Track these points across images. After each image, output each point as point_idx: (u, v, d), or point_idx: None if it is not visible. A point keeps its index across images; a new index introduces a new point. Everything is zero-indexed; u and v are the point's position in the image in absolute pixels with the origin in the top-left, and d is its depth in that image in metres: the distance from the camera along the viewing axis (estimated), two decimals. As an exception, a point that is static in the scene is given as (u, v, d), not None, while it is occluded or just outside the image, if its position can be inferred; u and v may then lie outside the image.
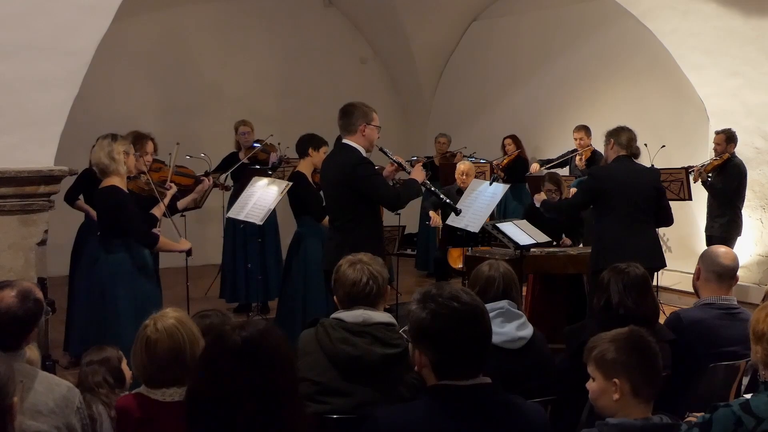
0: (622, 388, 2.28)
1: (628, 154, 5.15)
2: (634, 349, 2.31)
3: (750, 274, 7.43)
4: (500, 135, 9.18)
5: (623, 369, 2.29)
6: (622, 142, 5.14)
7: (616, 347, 2.32)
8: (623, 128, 5.24)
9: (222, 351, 1.75)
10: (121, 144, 4.44)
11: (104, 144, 4.43)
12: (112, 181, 4.42)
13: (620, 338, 2.35)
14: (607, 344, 2.35)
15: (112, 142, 4.42)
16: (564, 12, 9.48)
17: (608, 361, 2.32)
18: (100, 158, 4.42)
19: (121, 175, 4.46)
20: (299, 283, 5.68)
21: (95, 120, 7.65)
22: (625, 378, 2.28)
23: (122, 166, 4.43)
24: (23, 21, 4.25)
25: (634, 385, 2.28)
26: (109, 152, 4.39)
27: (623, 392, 2.29)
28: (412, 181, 4.62)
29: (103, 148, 4.41)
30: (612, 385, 2.30)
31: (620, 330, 2.40)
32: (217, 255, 8.22)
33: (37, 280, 4.38)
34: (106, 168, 4.42)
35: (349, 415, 2.67)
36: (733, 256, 3.60)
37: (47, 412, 2.45)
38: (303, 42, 10.61)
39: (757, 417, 2.35)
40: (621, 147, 5.14)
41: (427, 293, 2.07)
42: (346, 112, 4.54)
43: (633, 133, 5.22)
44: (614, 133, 5.21)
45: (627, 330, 2.39)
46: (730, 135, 6.98)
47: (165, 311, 2.64)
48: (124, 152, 4.43)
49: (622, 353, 2.30)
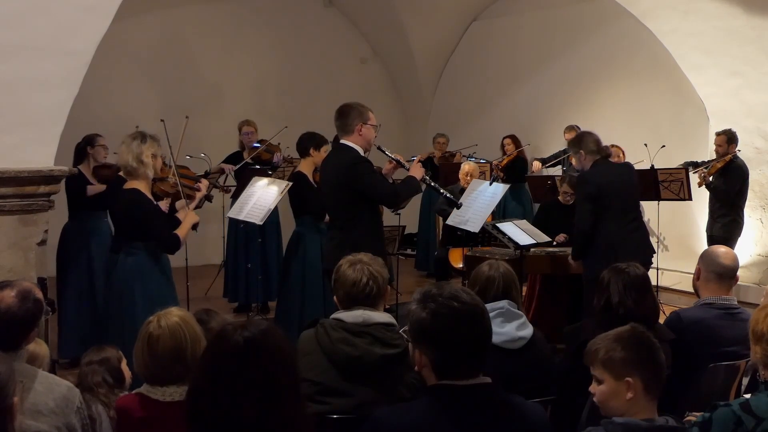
0: (635, 387, 2.24)
1: (603, 156, 5.17)
2: (641, 345, 2.29)
3: (750, 274, 7.43)
4: (500, 135, 9.18)
5: (634, 366, 2.25)
6: (591, 148, 5.15)
7: (622, 346, 2.28)
8: (584, 134, 5.27)
9: (224, 351, 1.75)
10: (150, 146, 4.23)
11: (133, 146, 4.21)
12: (137, 185, 4.24)
13: (624, 336, 2.32)
14: (612, 344, 2.30)
15: (141, 144, 4.20)
16: (564, 12, 9.48)
17: (617, 361, 2.27)
18: (127, 161, 4.21)
19: (148, 178, 4.28)
20: (298, 283, 5.67)
21: (95, 120, 7.65)
22: (637, 375, 2.25)
23: (151, 170, 4.25)
24: (23, 21, 4.24)
25: (645, 382, 2.25)
26: (138, 155, 4.19)
27: (637, 390, 2.24)
28: (411, 178, 4.62)
29: (131, 150, 4.20)
30: (624, 385, 2.25)
31: (621, 329, 2.37)
32: (217, 255, 8.23)
33: (37, 280, 4.38)
34: (135, 171, 4.22)
35: (349, 415, 2.68)
36: (733, 256, 3.60)
37: (47, 412, 2.45)
38: (303, 42, 10.61)
39: (757, 417, 2.35)
40: (593, 153, 5.15)
41: (427, 293, 2.07)
42: (342, 112, 4.54)
43: (595, 135, 5.24)
44: (578, 143, 5.22)
45: (628, 328, 2.37)
46: (731, 136, 6.98)
47: (169, 309, 2.64)
48: (153, 155, 4.24)
49: (630, 351, 2.27)
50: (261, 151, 7.15)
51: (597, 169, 5.16)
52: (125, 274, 4.30)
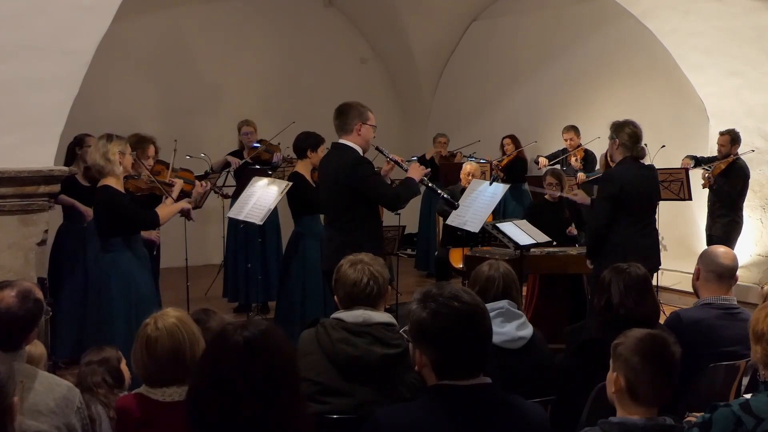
0: (617, 383, 2.28)
1: (633, 156, 4.98)
2: (644, 352, 2.27)
3: (750, 274, 7.43)
4: (500, 135, 9.19)
5: (624, 366, 2.27)
6: (625, 142, 4.96)
7: (629, 344, 2.29)
8: (625, 124, 5.03)
9: (223, 351, 1.75)
10: (116, 144, 4.42)
11: (99, 145, 4.42)
12: (107, 182, 4.42)
13: (640, 338, 2.31)
14: (628, 338, 2.32)
15: (108, 143, 4.40)
16: (564, 12, 9.48)
17: (617, 354, 2.31)
18: (95, 159, 4.42)
19: (117, 175, 4.44)
20: (297, 283, 5.68)
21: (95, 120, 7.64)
22: (622, 375, 2.27)
23: (117, 166, 4.41)
24: (23, 21, 4.24)
25: (630, 385, 2.25)
26: (104, 153, 4.38)
27: (618, 388, 2.28)
28: (410, 180, 4.61)
29: (98, 149, 4.41)
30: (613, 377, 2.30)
31: (650, 331, 2.35)
32: (217, 255, 8.23)
33: (37, 280, 4.38)
34: (102, 169, 4.41)
35: (349, 415, 2.68)
36: (732, 255, 3.60)
37: (47, 411, 2.45)
38: (303, 42, 10.61)
39: (757, 417, 2.35)
40: (625, 148, 4.97)
41: (428, 293, 2.07)
42: (342, 111, 4.54)
43: (635, 128, 4.99)
44: (617, 131, 5.01)
45: (653, 333, 2.34)
46: (735, 136, 6.98)
47: (166, 310, 2.64)
48: (120, 152, 4.41)
49: (630, 351, 2.27)
50: (260, 151, 7.15)
51: (623, 168, 4.99)
52: (102, 270, 4.42)
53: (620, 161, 5.06)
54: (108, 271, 4.39)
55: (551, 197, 6.68)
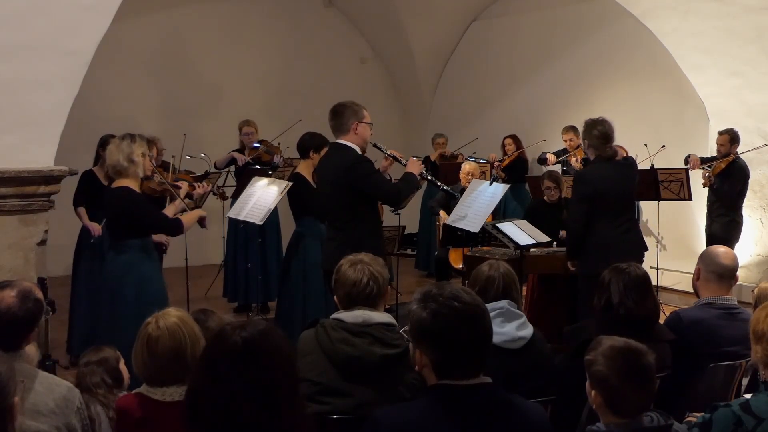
0: (596, 400, 2.30)
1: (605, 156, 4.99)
2: (620, 370, 2.25)
3: (750, 274, 7.43)
4: (500, 135, 9.19)
5: (602, 386, 2.27)
6: (594, 142, 4.99)
7: (602, 362, 2.28)
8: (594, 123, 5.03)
9: (222, 351, 1.75)
10: (140, 146, 4.30)
11: (123, 145, 4.27)
12: (126, 182, 4.29)
13: (609, 355, 2.29)
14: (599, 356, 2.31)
15: (132, 144, 4.27)
16: (564, 12, 9.48)
17: (591, 372, 2.32)
18: (118, 160, 4.26)
19: (137, 177, 4.33)
20: (298, 283, 5.67)
21: (95, 120, 7.66)
22: (599, 392, 2.28)
23: (141, 168, 4.30)
24: (23, 21, 4.25)
25: (608, 401, 2.26)
26: (129, 154, 4.25)
27: (597, 404, 2.30)
28: (410, 174, 4.61)
29: (122, 150, 4.25)
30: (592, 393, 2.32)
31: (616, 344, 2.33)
32: (217, 255, 8.23)
33: (37, 280, 4.38)
34: (125, 170, 4.27)
35: (349, 416, 2.67)
36: (732, 255, 3.59)
37: (47, 412, 2.45)
38: (303, 42, 10.62)
39: (757, 417, 2.35)
40: (595, 147, 5.01)
41: (428, 293, 2.07)
42: (337, 112, 4.54)
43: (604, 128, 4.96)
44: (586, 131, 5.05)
45: (622, 346, 2.31)
46: (734, 135, 6.97)
47: (167, 310, 2.65)
48: (142, 154, 4.30)
49: (605, 370, 2.27)
50: (261, 152, 7.15)
51: (594, 168, 5.07)
52: (115, 272, 4.34)
53: (592, 161, 5.10)
54: (123, 274, 4.29)
55: (548, 197, 6.70)
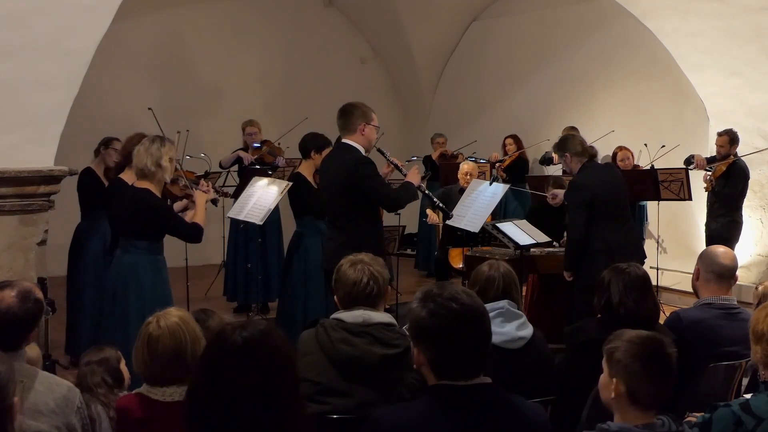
0: (617, 389, 2.24)
1: (589, 158, 5.11)
2: (643, 356, 2.24)
3: (750, 274, 7.42)
4: (500, 135, 9.18)
5: (624, 372, 2.24)
6: (577, 150, 5.10)
7: (625, 348, 2.26)
8: (567, 137, 5.21)
9: (223, 351, 1.75)
10: (169, 149, 4.23)
11: (152, 149, 4.19)
12: (148, 185, 4.22)
13: (635, 341, 2.28)
14: (621, 342, 2.29)
15: (161, 148, 4.19)
16: (564, 12, 9.47)
17: (613, 360, 2.27)
18: (145, 163, 4.18)
19: (162, 182, 4.27)
20: (300, 283, 5.67)
21: (95, 120, 7.66)
22: (622, 381, 2.23)
23: (168, 173, 4.25)
24: (23, 21, 4.25)
25: (630, 391, 2.22)
26: (157, 159, 4.18)
27: (618, 393, 2.24)
28: (409, 184, 4.64)
29: (151, 154, 4.18)
30: (611, 383, 2.26)
31: (641, 333, 2.33)
32: (217, 255, 8.23)
33: (37, 280, 4.38)
34: (150, 174, 4.20)
35: (349, 416, 2.67)
36: (732, 255, 3.59)
37: (47, 412, 2.45)
38: (303, 42, 10.62)
39: (757, 417, 2.35)
40: (579, 155, 5.10)
41: (429, 292, 2.08)
42: (346, 111, 4.55)
43: (579, 136, 5.20)
44: (564, 147, 5.15)
45: (646, 335, 2.32)
46: (733, 136, 6.97)
47: (168, 310, 2.65)
48: (170, 159, 4.23)
49: (628, 356, 2.24)
50: (264, 154, 7.14)
51: (589, 173, 5.10)
52: (121, 272, 4.31)
53: (581, 168, 5.10)
54: (127, 273, 4.26)
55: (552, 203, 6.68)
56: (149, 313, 4.02)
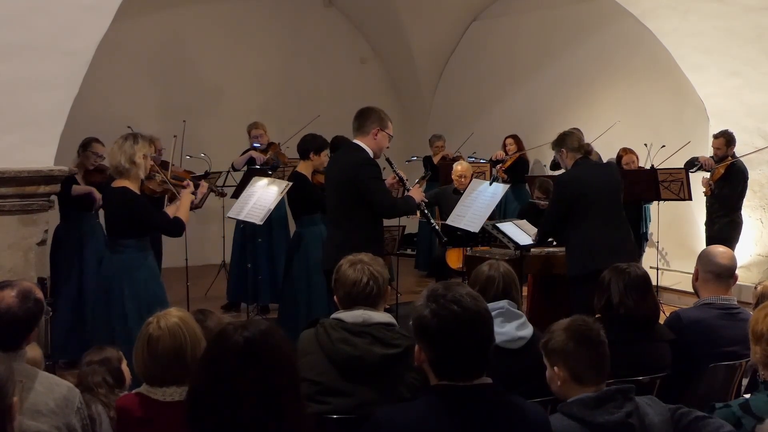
0: (561, 375, 2.37)
1: (583, 155, 5.12)
2: (573, 336, 2.39)
3: (750, 274, 7.42)
4: (500, 135, 9.17)
5: (562, 356, 2.38)
6: (573, 146, 5.10)
7: (557, 336, 2.42)
8: (566, 133, 5.22)
9: (223, 351, 1.75)
10: (142, 147, 4.24)
11: (125, 146, 4.21)
12: (126, 183, 4.25)
13: (562, 327, 2.44)
14: (552, 333, 2.45)
15: (134, 145, 4.21)
16: (564, 12, 9.47)
17: (550, 350, 2.43)
18: (119, 161, 4.21)
19: (138, 178, 4.29)
20: (302, 283, 5.68)
21: (95, 120, 7.65)
22: (563, 366, 2.37)
23: (142, 170, 4.27)
24: (23, 21, 4.25)
25: (573, 372, 2.35)
26: (131, 156, 4.20)
27: (563, 379, 2.37)
28: (411, 198, 4.66)
29: (124, 151, 4.20)
30: (554, 373, 2.39)
31: (566, 320, 2.49)
32: (217, 255, 8.23)
33: (37, 280, 4.38)
34: (126, 171, 4.22)
35: (349, 415, 2.68)
36: (730, 255, 3.59)
37: (47, 412, 2.45)
38: (303, 42, 10.62)
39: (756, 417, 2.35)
40: (575, 151, 5.09)
41: (434, 291, 2.09)
42: (363, 113, 4.57)
43: (578, 133, 5.20)
44: (561, 143, 5.16)
45: (570, 319, 2.48)
46: (729, 137, 6.96)
47: (169, 310, 2.65)
48: (144, 156, 4.25)
49: (560, 341, 2.40)
50: (269, 160, 7.14)
51: (578, 170, 5.09)
52: (111, 271, 4.32)
53: (574, 164, 5.13)
54: (118, 273, 4.27)
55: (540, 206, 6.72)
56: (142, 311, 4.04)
